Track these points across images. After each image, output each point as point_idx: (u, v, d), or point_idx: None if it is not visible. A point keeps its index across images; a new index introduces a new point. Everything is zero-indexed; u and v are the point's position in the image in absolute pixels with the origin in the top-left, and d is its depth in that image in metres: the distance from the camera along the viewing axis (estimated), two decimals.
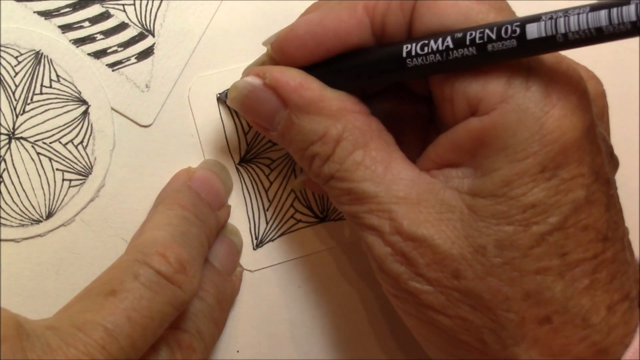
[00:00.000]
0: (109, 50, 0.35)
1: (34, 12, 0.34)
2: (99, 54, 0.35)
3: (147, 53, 0.35)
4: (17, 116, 0.34)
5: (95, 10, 0.35)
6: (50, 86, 0.34)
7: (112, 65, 0.35)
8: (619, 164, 0.32)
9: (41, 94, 0.34)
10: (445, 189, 0.29)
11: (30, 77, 0.34)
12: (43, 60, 0.34)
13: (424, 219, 0.28)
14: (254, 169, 0.37)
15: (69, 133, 0.34)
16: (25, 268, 0.34)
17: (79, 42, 0.34)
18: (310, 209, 0.38)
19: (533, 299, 0.27)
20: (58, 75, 0.34)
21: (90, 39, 0.35)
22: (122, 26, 0.35)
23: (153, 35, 0.35)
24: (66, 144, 0.34)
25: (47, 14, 0.34)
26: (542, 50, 0.26)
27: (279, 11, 0.37)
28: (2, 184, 0.33)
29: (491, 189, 0.27)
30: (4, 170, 0.33)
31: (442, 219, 0.28)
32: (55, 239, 0.34)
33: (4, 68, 0.33)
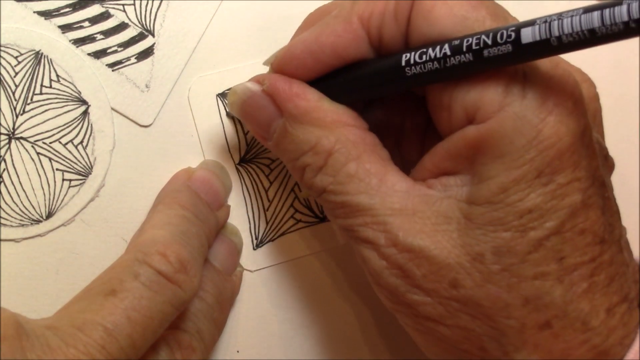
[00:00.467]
0: (109, 50, 0.35)
1: (34, 12, 0.34)
2: (99, 54, 0.35)
3: (147, 53, 0.35)
4: (17, 116, 0.34)
5: (95, 10, 0.35)
6: (50, 86, 0.34)
7: (112, 65, 0.35)
8: (615, 165, 0.32)
9: (41, 94, 0.34)
10: (441, 199, 0.29)
11: (30, 77, 0.34)
12: (43, 60, 0.34)
13: (420, 230, 0.28)
14: (253, 169, 0.37)
15: (69, 133, 0.34)
16: (25, 268, 0.34)
17: (79, 42, 0.34)
18: (310, 209, 0.38)
19: (532, 305, 0.27)
20: (58, 75, 0.34)
21: (90, 39, 0.35)
22: (122, 26, 0.35)
23: (153, 35, 0.35)
24: (66, 144, 0.34)
25: (47, 14, 0.34)
26: (538, 54, 0.26)
27: (278, 11, 0.37)
28: (2, 184, 0.33)
29: (488, 195, 0.27)
30: (4, 170, 0.33)
31: (438, 230, 0.28)
32: (55, 239, 0.34)
33: (4, 68, 0.33)
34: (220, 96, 0.36)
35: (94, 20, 0.35)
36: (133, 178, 0.35)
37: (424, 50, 0.28)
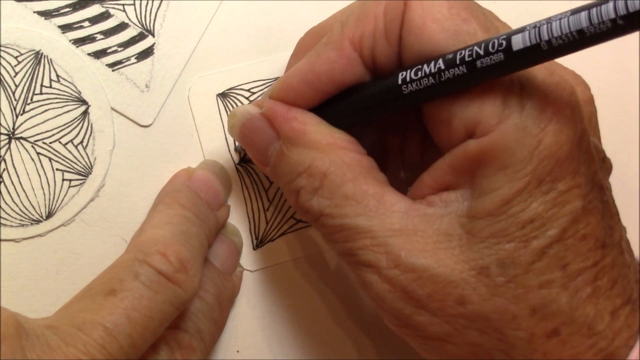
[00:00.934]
0: (109, 50, 0.35)
1: (34, 12, 0.34)
2: (99, 54, 0.35)
3: (147, 53, 0.35)
4: (17, 116, 0.34)
5: (95, 10, 0.35)
6: (50, 86, 0.34)
7: (112, 65, 0.35)
8: (613, 166, 0.32)
9: (41, 94, 0.34)
10: (441, 217, 0.28)
11: (30, 77, 0.34)
12: (43, 60, 0.34)
13: (422, 249, 0.28)
14: (254, 169, 0.37)
15: (69, 133, 0.34)
16: (25, 268, 0.34)
17: (79, 42, 0.34)
18: None
19: (540, 314, 0.27)
20: (58, 75, 0.34)
21: (90, 39, 0.35)
22: (122, 26, 0.35)
23: (153, 35, 0.35)
24: (66, 144, 0.34)
25: (47, 14, 0.34)
26: (530, 61, 0.26)
27: (278, 11, 0.37)
28: (2, 184, 0.33)
29: (490, 208, 0.27)
30: (4, 170, 0.33)
31: (440, 248, 0.28)
32: (55, 239, 0.34)
33: (4, 68, 0.33)
34: (220, 96, 0.36)
35: (94, 20, 0.35)
36: (133, 178, 0.35)
37: (419, 67, 0.28)
